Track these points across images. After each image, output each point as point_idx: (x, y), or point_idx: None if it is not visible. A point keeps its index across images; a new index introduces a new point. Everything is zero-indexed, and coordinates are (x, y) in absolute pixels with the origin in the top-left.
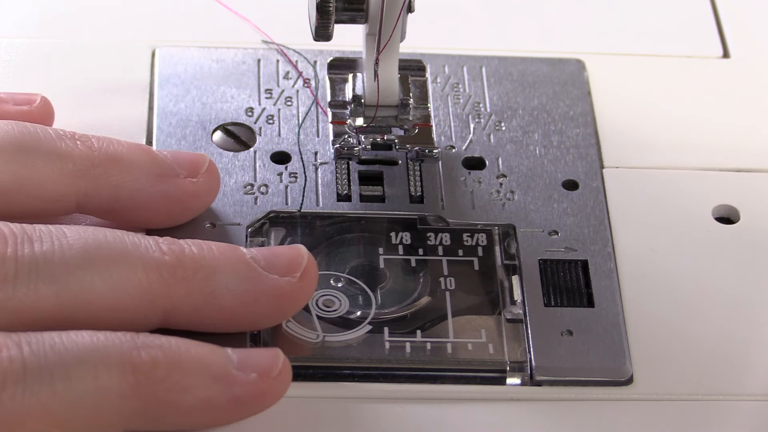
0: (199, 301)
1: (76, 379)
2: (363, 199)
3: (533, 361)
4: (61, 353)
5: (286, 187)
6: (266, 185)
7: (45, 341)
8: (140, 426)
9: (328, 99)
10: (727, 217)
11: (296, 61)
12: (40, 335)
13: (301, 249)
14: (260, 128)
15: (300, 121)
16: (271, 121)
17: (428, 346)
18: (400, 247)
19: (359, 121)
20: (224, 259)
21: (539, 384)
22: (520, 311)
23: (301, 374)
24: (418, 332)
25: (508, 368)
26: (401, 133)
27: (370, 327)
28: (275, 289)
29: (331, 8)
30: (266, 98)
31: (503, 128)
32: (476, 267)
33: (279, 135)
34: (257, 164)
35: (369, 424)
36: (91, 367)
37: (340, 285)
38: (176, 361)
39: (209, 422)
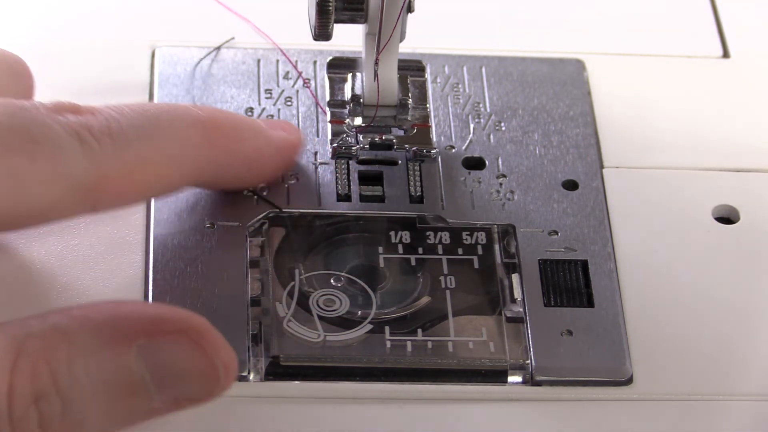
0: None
1: (165, 135)
2: (363, 199)
3: (533, 361)
4: (149, 116)
5: (286, 187)
6: (266, 185)
7: (123, 108)
8: (210, 175)
9: (327, 98)
10: (727, 217)
11: (296, 61)
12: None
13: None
14: None
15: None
16: None
17: (429, 344)
18: (400, 246)
19: (358, 121)
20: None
21: (539, 384)
22: (521, 309)
23: (302, 374)
24: (419, 331)
25: (509, 367)
26: (400, 133)
27: (371, 326)
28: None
29: (330, 8)
30: (266, 98)
31: (503, 128)
32: (476, 266)
33: None
34: None
35: (369, 424)
36: (175, 124)
37: (340, 285)
38: (233, 119)
39: (261, 171)
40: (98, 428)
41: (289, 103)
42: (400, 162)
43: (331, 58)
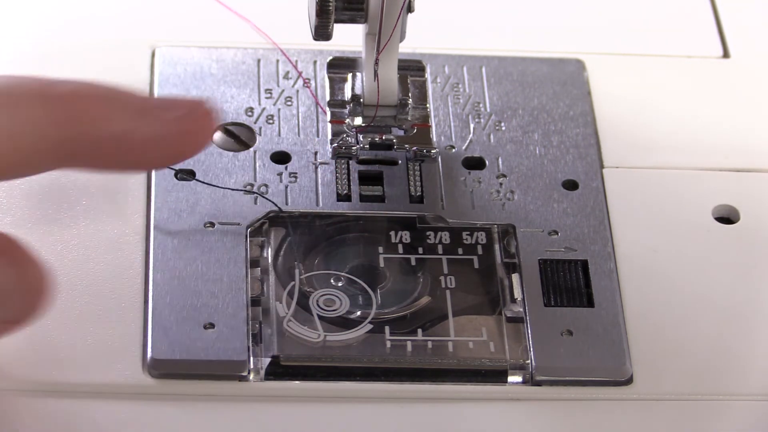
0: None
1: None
2: (363, 198)
3: (533, 361)
4: None
5: (286, 187)
6: (266, 185)
7: None
8: (59, 162)
9: (327, 98)
10: (727, 217)
11: (296, 61)
12: None
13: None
14: (260, 128)
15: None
16: (271, 121)
17: (429, 344)
18: (400, 246)
19: (358, 121)
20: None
21: (539, 384)
22: (521, 309)
23: (302, 374)
24: (419, 331)
25: (509, 367)
26: (400, 133)
27: (371, 326)
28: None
29: (330, 8)
30: (266, 98)
31: (503, 128)
32: (476, 265)
33: (279, 135)
34: (257, 164)
35: (369, 424)
36: (13, 100)
37: (340, 284)
38: (94, 93)
39: (128, 161)
40: None
41: (289, 103)
42: (400, 162)
43: (331, 58)
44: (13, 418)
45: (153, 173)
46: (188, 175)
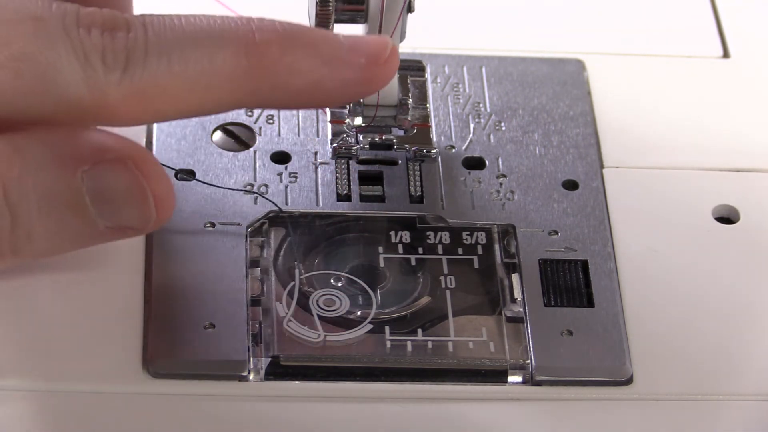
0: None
1: (192, 61)
2: (363, 199)
3: (533, 361)
4: (179, 35)
5: (286, 187)
6: (266, 185)
7: (166, 23)
8: (251, 104)
9: None
10: (727, 217)
11: None
12: (161, 17)
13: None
14: (260, 128)
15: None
16: (271, 121)
17: (429, 344)
18: (400, 246)
19: (358, 121)
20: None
21: (539, 384)
22: (521, 309)
23: (302, 374)
24: (419, 331)
25: (509, 367)
26: (400, 133)
27: (371, 326)
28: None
29: (330, 8)
30: None
31: (503, 128)
32: (476, 265)
33: (279, 135)
34: (257, 164)
35: (369, 424)
36: (207, 49)
37: (340, 284)
38: (290, 44)
39: (316, 102)
40: (46, 245)
41: None
42: (400, 162)
43: None
44: (13, 418)
45: None
46: (188, 175)
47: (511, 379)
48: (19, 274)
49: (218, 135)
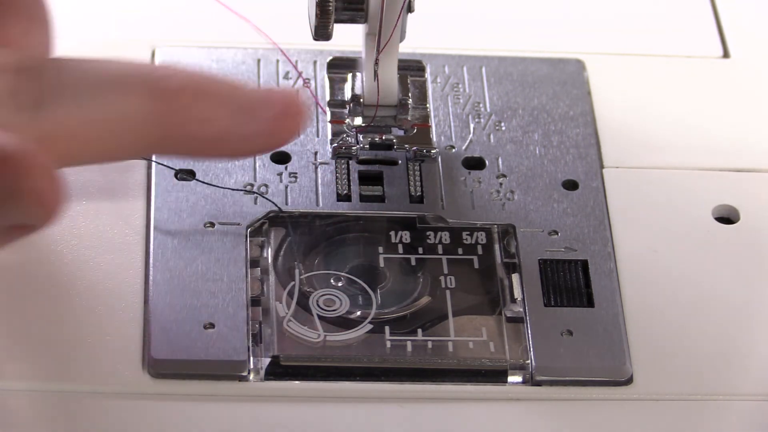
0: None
1: (101, 102)
2: (363, 198)
3: (533, 361)
4: (92, 80)
5: (286, 187)
6: (266, 185)
7: (79, 67)
8: (161, 150)
9: (327, 98)
10: (727, 217)
11: (296, 61)
12: (75, 61)
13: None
14: None
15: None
16: None
17: (429, 344)
18: (400, 246)
19: (358, 121)
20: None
21: (539, 384)
22: (521, 309)
23: (302, 374)
24: (419, 331)
25: (509, 367)
26: (400, 133)
27: (371, 326)
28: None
29: (330, 8)
30: None
31: (503, 128)
32: (476, 265)
33: None
34: (257, 164)
35: (369, 424)
36: (117, 95)
37: (340, 284)
38: (199, 93)
39: (224, 153)
40: None
41: None
42: (400, 162)
43: (331, 58)
44: (13, 418)
45: (153, 173)
46: (188, 175)
47: (511, 379)
48: (19, 274)
49: None
